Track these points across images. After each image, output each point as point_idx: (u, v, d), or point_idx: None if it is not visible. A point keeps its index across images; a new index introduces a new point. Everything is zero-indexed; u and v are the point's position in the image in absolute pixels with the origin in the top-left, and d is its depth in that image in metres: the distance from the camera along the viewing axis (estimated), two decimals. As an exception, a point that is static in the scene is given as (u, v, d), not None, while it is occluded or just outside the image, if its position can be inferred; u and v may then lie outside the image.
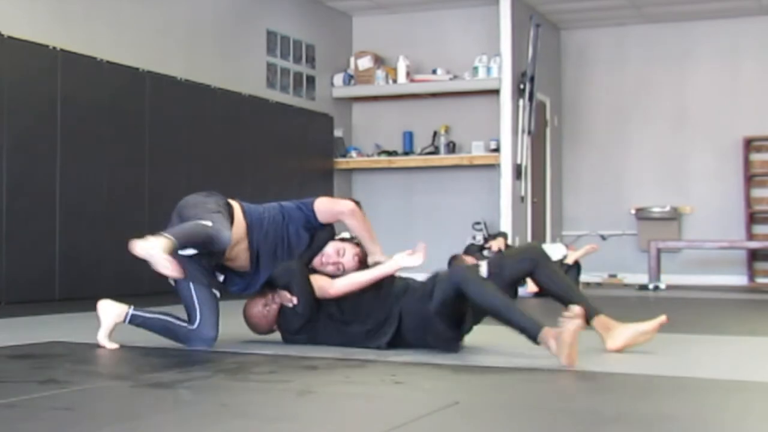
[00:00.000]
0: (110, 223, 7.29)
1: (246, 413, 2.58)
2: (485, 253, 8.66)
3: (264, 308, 4.25)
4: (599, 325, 4.10)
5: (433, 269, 4.46)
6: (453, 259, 8.33)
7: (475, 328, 5.15)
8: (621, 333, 4.05)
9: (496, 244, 8.53)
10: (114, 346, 4.13)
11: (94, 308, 4.74)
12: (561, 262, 8.30)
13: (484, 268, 4.18)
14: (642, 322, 4.04)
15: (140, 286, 4.71)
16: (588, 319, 4.04)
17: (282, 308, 4.22)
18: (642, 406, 2.70)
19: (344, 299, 4.18)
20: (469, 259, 8.32)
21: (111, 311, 4.21)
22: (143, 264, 4.04)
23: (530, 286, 7.94)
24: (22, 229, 6.62)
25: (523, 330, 3.73)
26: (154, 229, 5.02)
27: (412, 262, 4.28)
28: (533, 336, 3.68)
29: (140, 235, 4.75)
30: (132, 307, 4.24)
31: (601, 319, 4.11)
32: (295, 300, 4.16)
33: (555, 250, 8.52)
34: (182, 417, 2.55)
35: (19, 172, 6.62)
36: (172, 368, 3.41)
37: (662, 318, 4.04)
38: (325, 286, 4.18)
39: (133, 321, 4.21)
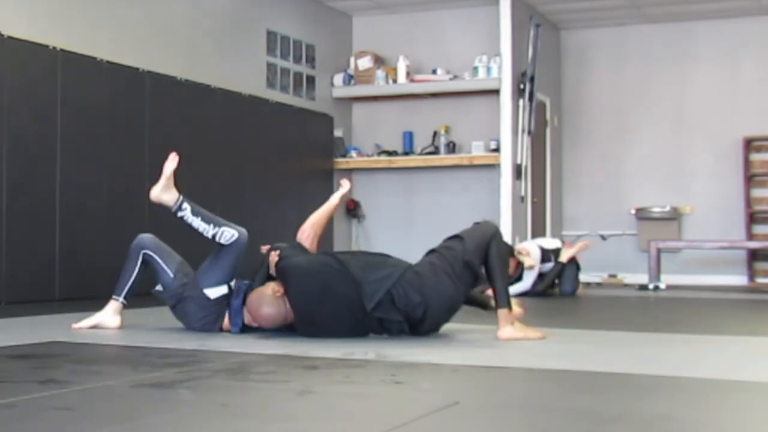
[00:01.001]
0: (110, 223, 7.29)
1: (246, 413, 2.58)
2: None
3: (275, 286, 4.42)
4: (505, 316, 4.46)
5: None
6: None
7: (475, 327, 5.15)
8: (515, 330, 4.38)
9: None
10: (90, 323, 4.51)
11: (94, 308, 4.75)
12: (556, 253, 8.30)
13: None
14: (533, 329, 4.47)
15: (139, 287, 4.71)
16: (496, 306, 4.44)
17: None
18: (642, 406, 2.70)
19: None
20: None
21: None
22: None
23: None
24: (22, 229, 6.62)
25: (500, 297, 4.31)
26: (154, 228, 5.04)
27: (341, 191, 4.93)
28: (501, 306, 4.30)
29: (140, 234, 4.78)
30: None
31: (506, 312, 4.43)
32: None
33: (550, 242, 8.54)
34: (182, 417, 2.55)
35: (19, 172, 6.62)
36: (172, 368, 3.41)
37: (543, 333, 4.45)
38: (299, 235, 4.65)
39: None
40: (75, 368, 3.43)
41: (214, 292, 4.50)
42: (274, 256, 4.48)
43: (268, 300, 4.34)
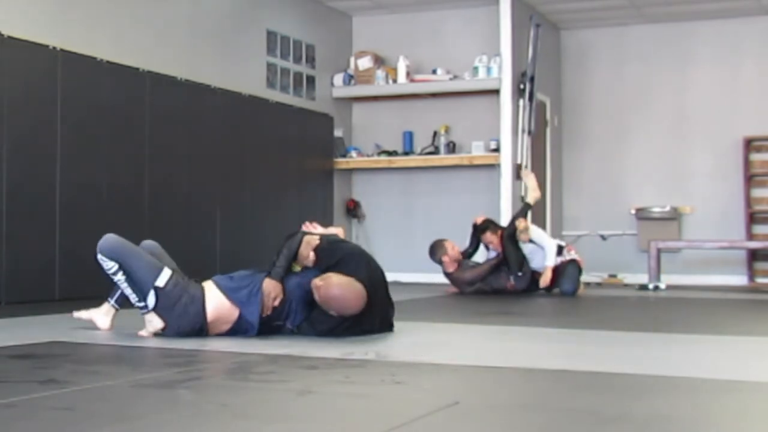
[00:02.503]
0: (110, 223, 7.28)
1: (246, 413, 2.58)
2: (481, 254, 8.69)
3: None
4: None
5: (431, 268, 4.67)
6: (434, 243, 8.38)
7: (475, 327, 5.16)
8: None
9: (480, 219, 8.61)
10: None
11: (94, 308, 4.74)
12: (559, 249, 8.37)
13: None
14: None
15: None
16: None
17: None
18: (642, 406, 2.70)
19: None
20: (449, 244, 8.37)
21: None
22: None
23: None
24: (22, 229, 6.62)
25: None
26: (154, 228, 5.03)
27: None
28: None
29: (140, 235, 4.77)
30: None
31: None
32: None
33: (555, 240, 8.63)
34: (182, 417, 2.55)
35: (19, 172, 6.62)
36: (172, 368, 3.41)
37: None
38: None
39: None
40: (75, 368, 3.43)
41: (162, 279, 4.34)
42: (314, 240, 4.45)
43: (357, 286, 4.31)
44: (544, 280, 8.18)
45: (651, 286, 9.40)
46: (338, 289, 4.26)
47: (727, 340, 4.60)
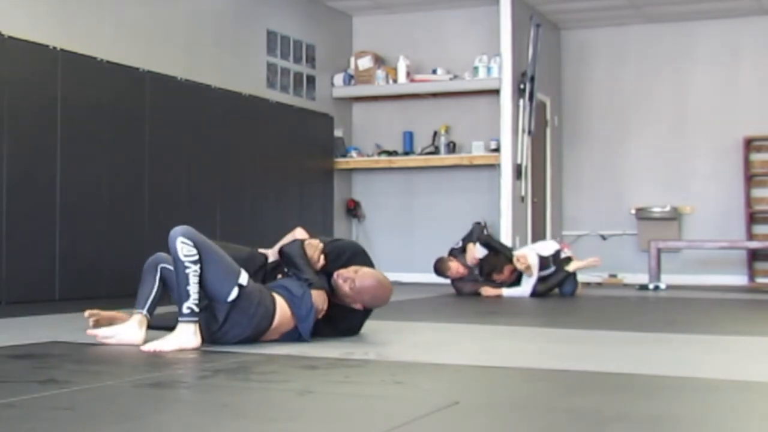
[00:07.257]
0: (110, 223, 7.29)
1: (246, 413, 2.58)
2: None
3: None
4: None
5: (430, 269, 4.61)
6: (438, 263, 8.31)
7: (475, 327, 5.16)
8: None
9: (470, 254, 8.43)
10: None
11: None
12: (555, 257, 8.28)
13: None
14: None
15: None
16: None
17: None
18: (642, 406, 2.70)
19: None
20: (454, 264, 8.31)
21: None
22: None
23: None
24: (22, 229, 6.62)
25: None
26: (154, 228, 5.02)
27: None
28: None
29: (140, 235, 4.76)
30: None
31: None
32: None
33: (547, 246, 8.52)
34: (182, 417, 2.55)
35: (19, 172, 6.62)
36: (172, 368, 3.41)
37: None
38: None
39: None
40: (75, 368, 3.43)
41: (244, 278, 4.02)
42: (315, 242, 4.38)
43: (385, 277, 4.28)
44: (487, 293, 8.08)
45: (651, 286, 9.40)
46: (372, 279, 4.17)
47: (727, 340, 4.60)
